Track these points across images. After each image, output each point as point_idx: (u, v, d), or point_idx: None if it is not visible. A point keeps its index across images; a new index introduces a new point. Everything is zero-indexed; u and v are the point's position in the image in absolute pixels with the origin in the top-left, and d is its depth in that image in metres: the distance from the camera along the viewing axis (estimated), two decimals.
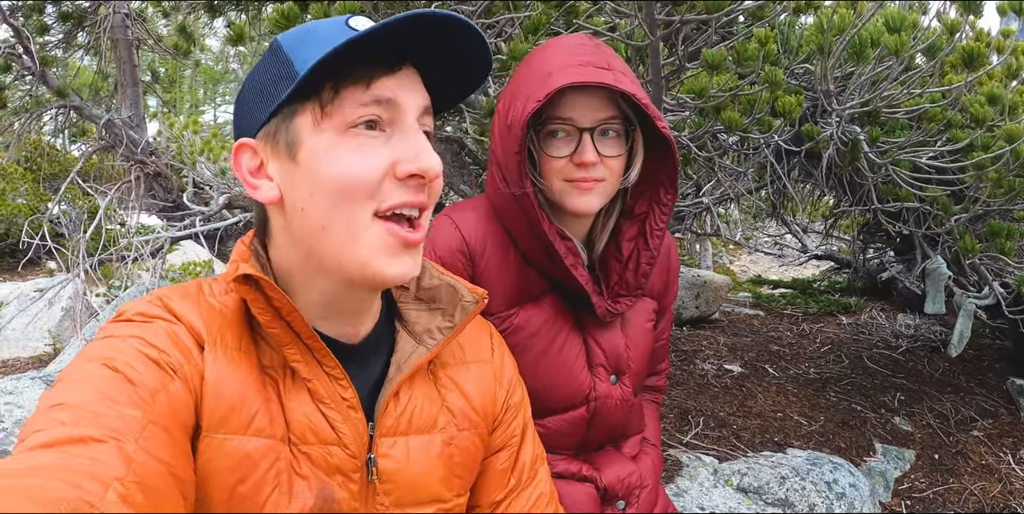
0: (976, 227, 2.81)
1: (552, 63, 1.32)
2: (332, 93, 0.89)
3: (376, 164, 0.89)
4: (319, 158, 0.89)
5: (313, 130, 0.90)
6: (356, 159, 0.89)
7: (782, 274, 8.72)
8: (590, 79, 1.26)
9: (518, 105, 1.31)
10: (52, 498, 0.66)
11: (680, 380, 3.74)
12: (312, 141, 0.90)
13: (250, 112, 0.95)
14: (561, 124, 1.34)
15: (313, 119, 0.90)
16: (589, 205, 1.37)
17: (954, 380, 4.02)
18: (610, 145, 1.36)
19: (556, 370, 1.47)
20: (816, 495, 2.61)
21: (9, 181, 8.91)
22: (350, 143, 0.89)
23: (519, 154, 1.30)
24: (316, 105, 0.89)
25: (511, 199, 1.36)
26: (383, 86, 0.90)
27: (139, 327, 0.88)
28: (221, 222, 3.39)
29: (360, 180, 0.89)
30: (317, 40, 0.88)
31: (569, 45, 1.37)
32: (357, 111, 0.89)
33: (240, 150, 0.95)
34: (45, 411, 0.76)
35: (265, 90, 0.92)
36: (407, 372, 1.02)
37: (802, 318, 5.31)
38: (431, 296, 1.12)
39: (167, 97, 8.67)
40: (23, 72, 3.83)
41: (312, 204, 0.90)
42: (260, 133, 0.94)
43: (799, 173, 3.61)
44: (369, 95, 0.89)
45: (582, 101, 1.33)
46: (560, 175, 1.37)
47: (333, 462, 0.94)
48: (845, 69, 2.37)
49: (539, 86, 1.29)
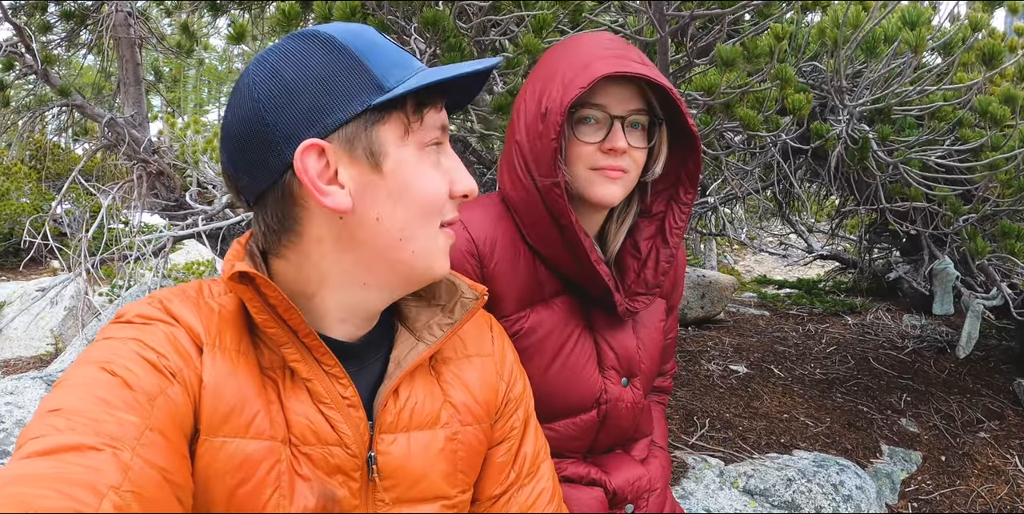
0: (985, 227, 2.79)
1: (588, 54, 1.32)
2: (417, 111, 0.93)
3: (445, 182, 0.97)
4: (409, 171, 0.92)
5: (399, 142, 0.91)
6: (437, 177, 0.95)
7: (787, 274, 8.70)
8: (631, 70, 1.27)
9: (555, 92, 1.29)
10: (45, 507, 0.65)
11: (685, 381, 3.72)
12: (398, 153, 0.91)
13: (306, 110, 0.88)
14: (594, 110, 1.33)
15: (401, 132, 0.92)
16: (613, 195, 1.36)
17: (961, 381, 4.00)
18: (637, 137, 1.36)
19: (567, 373, 1.45)
20: (823, 497, 2.58)
21: (13, 180, 8.92)
22: (428, 160, 0.95)
23: (556, 141, 1.29)
24: (403, 119, 0.92)
25: (534, 191, 1.34)
26: (443, 111, 0.98)
27: (138, 329, 0.87)
28: (224, 221, 3.37)
29: (440, 198, 0.96)
30: (386, 50, 0.94)
31: (600, 39, 1.38)
32: (433, 133, 0.95)
33: (307, 153, 0.88)
34: (42, 417, 0.76)
35: (334, 90, 0.88)
36: (406, 369, 1.01)
37: (807, 318, 5.29)
38: (430, 292, 1.11)
39: (171, 96, 8.68)
40: (25, 71, 3.82)
41: (393, 215, 0.92)
42: (335, 135, 0.88)
43: (805, 172, 3.60)
44: (439, 119, 0.96)
45: (616, 90, 1.33)
46: (586, 163, 1.35)
47: (334, 462, 0.94)
48: (855, 66, 2.35)
49: (579, 74, 1.28)
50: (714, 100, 2.05)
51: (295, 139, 0.88)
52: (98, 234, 3.56)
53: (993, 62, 1.95)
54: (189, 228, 3.38)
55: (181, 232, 3.34)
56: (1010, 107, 2.06)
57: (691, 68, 2.22)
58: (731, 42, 2.08)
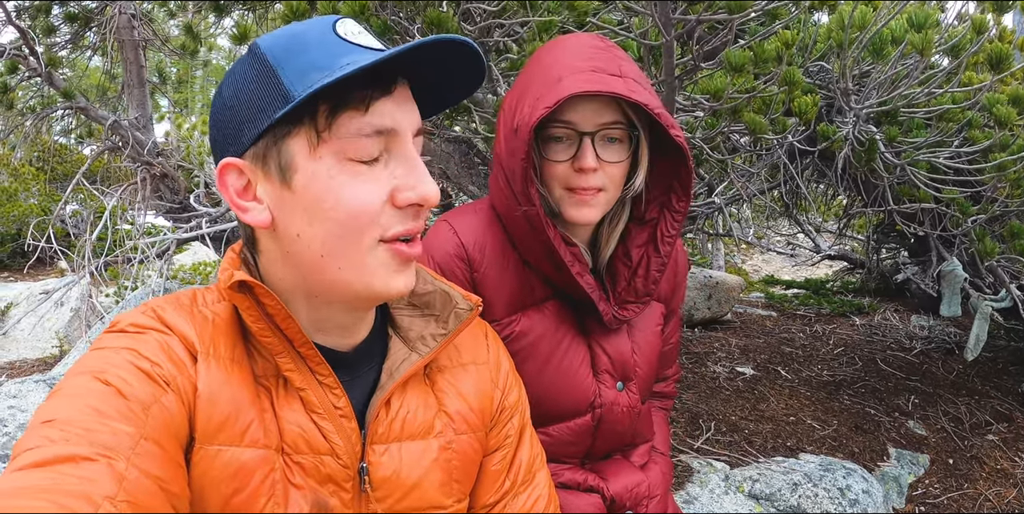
0: (993, 228, 2.76)
1: (562, 66, 1.28)
2: (328, 117, 0.85)
3: (377, 193, 0.88)
4: (321, 187, 0.86)
5: (309, 156, 0.86)
6: (357, 190, 0.87)
7: (795, 274, 8.67)
8: (602, 88, 1.23)
9: (525, 109, 1.27)
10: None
11: (691, 383, 3.70)
12: (310, 167, 0.86)
13: (232, 126, 0.89)
14: (562, 128, 1.31)
15: (309, 144, 0.86)
16: (587, 216, 1.34)
17: (969, 383, 3.97)
18: (612, 151, 1.33)
19: (560, 377, 1.44)
20: (829, 502, 2.57)
21: (21, 181, 8.95)
22: (350, 171, 0.87)
23: (525, 161, 1.27)
24: (312, 129, 0.85)
25: (515, 204, 1.33)
26: (382, 111, 0.87)
27: (132, 338, 0.87)
28: (228, 224, 3.37)
29: (367, 212, 0.87)
30: (305, 51, 0.85)
31: (580, 46, 1.33)
32: (358, 143, 0.86)
33: (225, 170, 0.90)
34: (36, 428, 0.75)
35: (250, 104, 0.87)
36: (399, 379, 1.01)
37: (815, 319, 5.26)
38: (425, 302, 1.10)
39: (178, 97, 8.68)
40: (29, 74, 3.83)
41: (310, 233, 0.88)
42: (247, 153, 0.89)
43: (812, 173, 3.57)
44: (368, 124, 0.86)
45: (586, 106, 1.29)
46: (560, 182, 1.34)
47: (325, 471, 0.94)
48: (863, 67, 2.33)
49: (548, 90, 1.25)
50: (721, 104, 2.03)
51: (223, 157, 0.90)
52: (103, 236, 3.56)
53: (1001, 66, 1.92)
54: (193, 230, 3.38)
55: (184, 235, 3.34)
56: (1018, 108, 2.04)
57: (697, 71, 2.21)
58: (737, 46, 2.06)
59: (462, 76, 0.96)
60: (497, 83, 2.44)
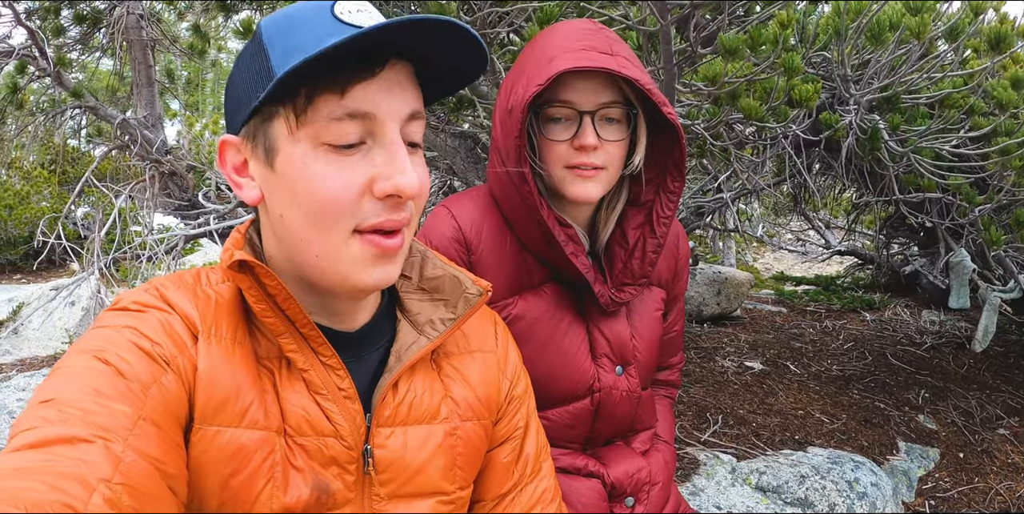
0: (1000, 217, 2.74)
1: (554, 47, 1.30)
2: (306, 100, 0.84)
3: (353, 183, 0.86)
4: (296, 172, 0.86)
5: (289, 138, 0.86)
6: (331, 179, 0.85)
7: (806, 271, 8.62)
8: (592, 64, 1.25)
9: (519, 89, 1.29)
10: (33, 501, 0.64)
11: (699, 377, 3.69)
12: (288, 150, 0.86)
13: (234, 104, 0.92)
14: (561, 107, 1.32)
15: (288, 126, 0.86)
16: (589, 193, 1.35)
17: (979, 377, 3.94)
18: (612, 130, 1.34)
19: (558, 360, 1.44)
20: (836, 494, 2.55)
21: (33, 184, 9.02)
22: (324, 156, 0.85)
23: (519, 139, 1.28)
24: (291, 111, 0.85)
25: (511, 186, 1.34)
26: (359, 95, 0.84)
27: (133, 317, 0.87)
28: (236, 220, 3.39)
29: (337, 201, 0.85)
30: (297, 30, 0.84)
31: (572, 29, 1.35)
32: (331, 128, 0.84)
33: (225, 147, 0.92)
34: (34, 408, 0.75)
35: (246, 83, 0.89)
36: (407, 363, 1.00)
37: (825, 315, 5.24)
38: (434, 286, 1.10)
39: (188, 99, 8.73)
40: (39, 74, 3.86)
41: (291, 215, 0.88)
42: (242, 131, 0.91)
43: (819, 165, 3.56)
44: (342, 107, 0.84)
45: (583, 85, 1.31)
46: (561, 161, 1.35)
47: (329, 454, 0.93)
48: (863, 56, 2.32)
49: (541, 70, 1.27)
50: (719, 89, 2.03)
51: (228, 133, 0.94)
52: (111, 236, 3.59)
53: (1001, 46, 1.90)
54: (201, 227, 3.39)
55: (193, 231, 3.36)
56: (1019, 91, 2.02)
57: (696, 58, 2.20)
58: (735, 31, 2.06)
59: (462, 59, 0.93)
60: (500, 76, 2.44)
